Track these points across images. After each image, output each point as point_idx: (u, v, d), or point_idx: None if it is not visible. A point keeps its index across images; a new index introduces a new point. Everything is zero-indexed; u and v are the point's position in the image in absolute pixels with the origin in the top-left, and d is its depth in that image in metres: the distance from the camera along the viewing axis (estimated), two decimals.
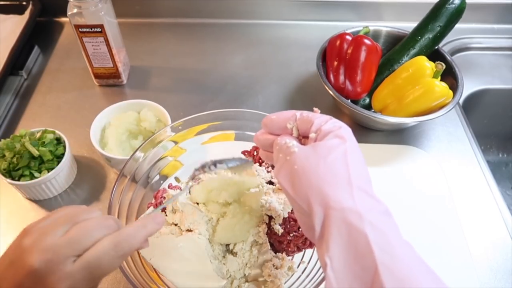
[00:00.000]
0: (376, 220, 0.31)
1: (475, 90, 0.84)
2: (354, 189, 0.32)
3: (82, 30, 0.69)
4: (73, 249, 0.32)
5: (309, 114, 0.38)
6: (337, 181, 0.33)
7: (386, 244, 0.30)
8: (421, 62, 0.65)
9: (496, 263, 0.57)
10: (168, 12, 0.93)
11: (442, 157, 0.69)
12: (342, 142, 0.35)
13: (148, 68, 0.84)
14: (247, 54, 0.88)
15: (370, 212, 0.31)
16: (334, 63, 0.70)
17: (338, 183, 0.33)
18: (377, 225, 0.30)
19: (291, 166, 0.35)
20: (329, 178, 0.33)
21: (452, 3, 0.70)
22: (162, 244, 0.46)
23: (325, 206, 0.32)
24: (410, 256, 0.30)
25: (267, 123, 0.41)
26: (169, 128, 0.55)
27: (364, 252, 0.29)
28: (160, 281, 0.48)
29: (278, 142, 0.38)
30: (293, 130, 0.39)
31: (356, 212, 0.31)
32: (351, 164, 0.34)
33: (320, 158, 0.34)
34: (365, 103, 0.73)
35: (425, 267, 0.30)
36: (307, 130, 0.38)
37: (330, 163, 0.33)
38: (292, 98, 0.79)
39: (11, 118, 0.74)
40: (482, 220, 0.62)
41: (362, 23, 0.78)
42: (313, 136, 0.36)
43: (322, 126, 0.36)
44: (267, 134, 0.41)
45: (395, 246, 0.30)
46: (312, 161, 0.34)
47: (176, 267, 0.45)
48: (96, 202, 0.63)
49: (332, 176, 0.33)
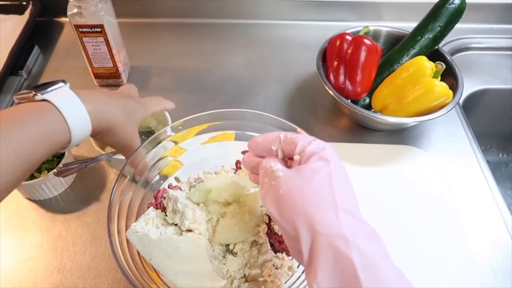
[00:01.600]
0: (363, 244, 0.30)
1: (475, 90, 0.84)
2: (340, 212, 0.32)
3: (82, 30, 0.69)
4: None
5: (293, 136, 0.38)
6: (322, 204, 0.32)
7: (373, 269, 0.29)
8: (421, 62, 0.65)
9: (496, 263, 0.57)
10: (168, 12, 0.94)
11: (442, 157, 0.69)
12: (326, 164, 0.34)
13: (148, 68, 0.84)
14: (247, 54, 0.88)
15: (357, 236, 0.31)
16: (334, 63, 0.70)
17: (323, 206, 0.32)
18: (364, 249, 0.30)
19: (276, 191, 0.35)
20: (314, 201, 0.33)
21: (452, 3, 0.70)
22: (162, 244, 0.46)
23: (311, 230, 0.32)
24: (398, 282, 0.30)
25: (252, 146, 0.40)
26: (169, 128, 0.55)
27: (351, 279, 0.29)
28: (160, 281, 0.48)
29: (263, 165, 0.38)
30: (278, 152, 0.39)
31: (342, 236, 0.30)
32: (336, 186, 0.33)
33: (305, 182, 0.34)
34: (365, 103, 0.73)
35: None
36: (291, 152, 0.37)
37: (315, 186, 0.33)
38: (292, 98, 0.79)
39: None
40: (482, 220, 0.62)
41: (362, 23, 0.78)
42: (297, 158, 0.36)
43: (305, 148, 0.36)
44: (253, 156, 0.41)
45: (383, 272, 0.30)
46: (296, 185, 0.34)
47: (176, 267, 0.45)
48: (96, 202, 0.63)
49: (317, 199, 0.33)
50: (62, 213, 0.62)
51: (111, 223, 0.46)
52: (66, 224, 0.60)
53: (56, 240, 0.59)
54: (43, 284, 0.55)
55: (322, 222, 0.32)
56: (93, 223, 0.60)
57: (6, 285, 0.54)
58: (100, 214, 0.61)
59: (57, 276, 0.55)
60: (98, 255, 0.57)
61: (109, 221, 0.46)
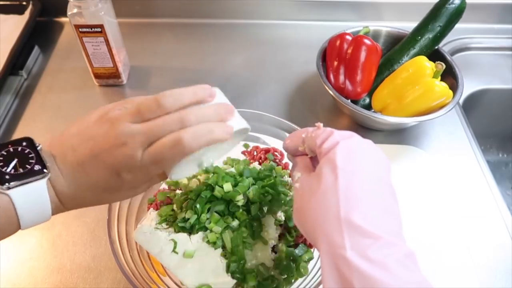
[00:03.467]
0: (365, 267, 0.27)
1: (475, 90, 0.84)
2: (344, 227, 0.28)
3: (82, 30, 0.69)
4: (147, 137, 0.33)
5: (313, 133, 0.36)
6: (327, 218, 0.29)
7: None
8: (421, 62, 0.65)
9: (496, 263, 0.57)
10: (168, 12, 0.93)
11: (442, 157, 0.69)
12: (331, 168, 0.31)
13: (148, 68, 0.84)
14: (247, 54, 0.88)
15: (361, 259, 0.27)
16: (334, 63, 0.70)
17: (328, 221, 0.29)
18: (366, 273, 0.27)
19: (295, 204, 0.34)
20: (319, 216, 0.30)
21: (452, 3, 0.70)
22: (171, 243, 0.46)
23: (319, 247, 0.30)
24: None
25: (286, 149, 0.40)
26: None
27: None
28: (160, 281, 0.48)
29: (292, 175, 0.37)
30: (307, 151, 0.37)
31: (344, 258, 0.27)
32: (342, 194, 0.30)
33: (312, 194, 0.31)
34: (365, 103, 0.73)
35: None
36: (315, 150, 0.35)
37: (319, 199, 0.30)
38: (292, 98, 0.79)
39: (11, 118, 0.74)
40: (482, 220, 0.62)
41: (362, 23, 0.78)
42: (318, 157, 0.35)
43: (322, 146, 0.34)
44: (291, 157, 0.41)
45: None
46: (305, 199, 0.32)
47: (186, 264, 0.45)
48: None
49: (321, 214, 0.30)
50: (62, 213, 0.61)
51: (111, 224, 0.46)
52: (66, 224, 0.60)
53: (56, 240, 0.59)
54: (43, 284, 0.55)
55: (326, 239, 0.29)
56: (93, 223, 0.60)
57: (6, 285, 0.54)
58: (100, 214, 0.61)
59: (57, 276, 0.55)
60: (98, 255, 0.57)
61: (109, 222, 0.46)
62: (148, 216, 0.49)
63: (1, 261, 0.57)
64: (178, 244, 0.45)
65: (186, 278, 0.45)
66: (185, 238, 0.46)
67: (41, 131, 0.72)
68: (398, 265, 0.28)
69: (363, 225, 0.28)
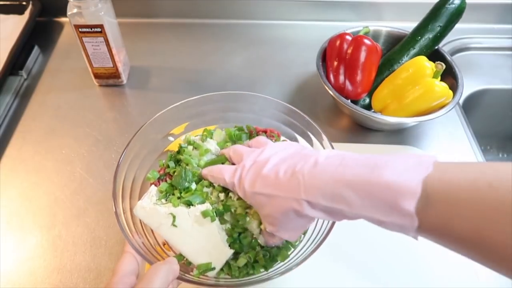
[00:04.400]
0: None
1: (475, 90, 0.84)
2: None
3: (82, 30, 0.69)
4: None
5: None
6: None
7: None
8: (421, 62, 0.65)
9: None
10: (168, 12, 0.94)
11: (442, 157, 0.69)
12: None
13: (148, 68, 0.84)
14: (247, 54, 0.88)
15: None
16: (334, 63, 0.70)
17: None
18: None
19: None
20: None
21: (452, 3, 0.70)
22: (170, 216, 0.47)
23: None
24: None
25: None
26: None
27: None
28: (165, 254, 0.49)
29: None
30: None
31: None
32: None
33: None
34: (365, 103, 0.73)
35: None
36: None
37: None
38: (292, 98, 0.79)
39: (11, 118, 0.74)
40: None
41: (362, 23, 0.78)
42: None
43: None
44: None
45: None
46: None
47: (185, 238, 0.46)
48: (96, 202, 0.63)
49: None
50: (62, 213, 0.62)
51: (116, 197, 0.47)
52: (66, 224, 0.60)
53: (56, 240, 0.59)
54: (43, 284, 0.55)
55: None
56: (93, 223, 0.60)
57: (6, 285, 0.54)
58: (100, 214, 0.61)
59: (57, 276, 0.55)
60: (98, 255, 0.57)
61: (114, 195, 0.47)
62: (149, 193, 0.50)
63: (1, 261, 0.57)
64: (177, 218, 0.46)
65: (186, 250, 0.46)
66: (183, 212, 0.47)
67: (41, 131, 0.72)
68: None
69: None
